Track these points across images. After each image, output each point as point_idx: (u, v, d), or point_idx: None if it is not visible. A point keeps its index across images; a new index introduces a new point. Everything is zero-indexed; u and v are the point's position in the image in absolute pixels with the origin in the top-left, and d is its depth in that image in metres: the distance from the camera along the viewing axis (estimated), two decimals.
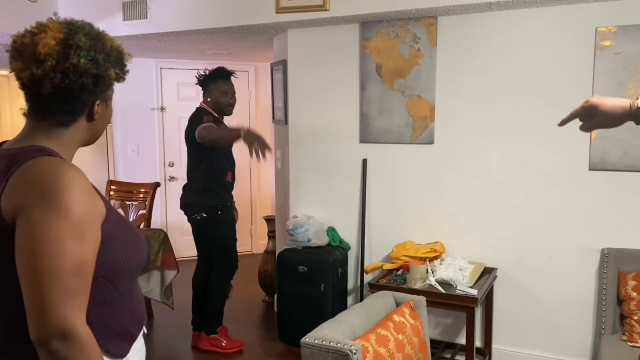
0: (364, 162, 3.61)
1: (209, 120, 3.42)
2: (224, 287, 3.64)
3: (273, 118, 4.30)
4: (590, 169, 3.05)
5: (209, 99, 3.56)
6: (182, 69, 5.66)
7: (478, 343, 3.33)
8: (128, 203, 4.50)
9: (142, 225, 4.28)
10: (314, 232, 3.60)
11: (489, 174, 3.30)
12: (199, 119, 3.43)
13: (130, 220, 4.06)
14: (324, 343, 1.76)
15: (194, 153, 3.50)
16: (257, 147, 2.98)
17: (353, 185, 3.68)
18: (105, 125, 1.33)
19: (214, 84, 3.54)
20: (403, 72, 3.42)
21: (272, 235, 4.61)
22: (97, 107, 1.24)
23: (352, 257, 3.74)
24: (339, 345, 1.73)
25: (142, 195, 4.48)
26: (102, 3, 4.06)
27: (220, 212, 3.53)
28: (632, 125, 2.97)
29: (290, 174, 3.90)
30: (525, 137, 3.18)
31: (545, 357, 3.23)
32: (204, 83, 3.58)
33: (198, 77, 3.60)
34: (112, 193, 4.58)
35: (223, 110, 3.59)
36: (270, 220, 4.68)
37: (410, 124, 3.44)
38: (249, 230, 5.94)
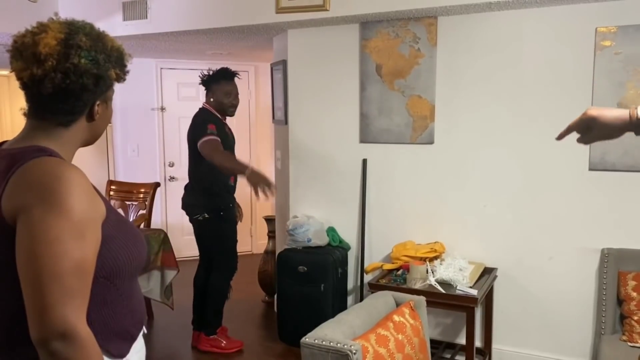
0: (364, 162, 3.61)
1: (214, 131, 3.38)
2: (223, 287, 3.64)
3: (273, 118, 4.30)
4: (591, 169, 3.05)
5: (212, 100, 3.55)
6: (182, 69, 5.66)
7: (478, 343, 3.33)
8: (128, 203, 4.50)
9: (142, 225, 4.27)
10: (314, 232, 3.60)
11: (489, 174, 3.30)
12: (204, 126, 3.39)
13: (130, 221, 4.06)
14: (324, 343, 1.76)
15: (196, 153, 3.47)
16: (263, 187, 3.05)
17: (353, 185, 3.68)
18: (106, 126, 1.33)
19: (217, 85, 3.53)
20: (403, 72, 3.42)
21: (272, 235, 4.61)
22: (97, 107, 1.24)
23: (352, 257, 3.74)
24: (339, 345, 1.74)
25: (142, 195, 4.48)
26: (102, 3, 4.06)
27: (223, 213, 3.53)
28: None
29: (290, 174, 3.90)
30: (525, 136, 3.18)
31: (545, 357, 3.23)
32: (207, 83, 3.56)
33: (201, 77, 3.59)
34: (112, 193, 4.58)
35: (226, 111, 3.57)
36: (270, 220, 4.68)
37: (410, 124, 3.44)
38: (249, 230, 5.94)
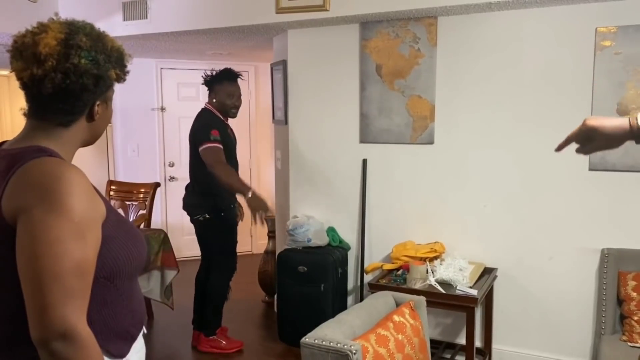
0: (364, 162, 3.61)
1: (217, 137, 3.37)
2: (222, 288, 3.64)
3: (273, 118, 4.30)
4: (591, 169, 3.05)
5: (215, 100, 3.54)
6: (182, 69, 5.67)
7: (478, 343, 3.33)
8: (128, 203, 4.50)
9: (142, 226, 4.27)
10: (314, 232, 3.60)
11: (489, 174, 3.30)
12: (207, 131, 3.39)
13: (130, 221, 4.06)
14: (324, 343, 1.76)
15: (197, 154, 3.45)
16: (261, 214, 3.13)
17: (353, 185, 3.68)
18: (106, 126, 1.33)
19: (220, 85, 3.52)
20: (403, 72, 3.42)
21: (272, 236, 4.61)
22: (97, 107, 1.24)
23: (352, 257, 3.74)
24: (339, 346, 1.74)
25: (142, 196, 4.48)
26: (102, 3, 4.06)
27: (223, 213, 3.53)
28: None
29: (290, 174, 3.90)
30: (525, 136, 3.18)
31: (545, 357, 3.23)
32: (210, 84, 3.55)
33: (204, 77, 3.57)
34: (112, 193, 4.58)
35: (228, 113, 3.57)
36: (270, 220, 4.68)
37: (410, 124, 3.44)
38: (249, 230, 5.93)
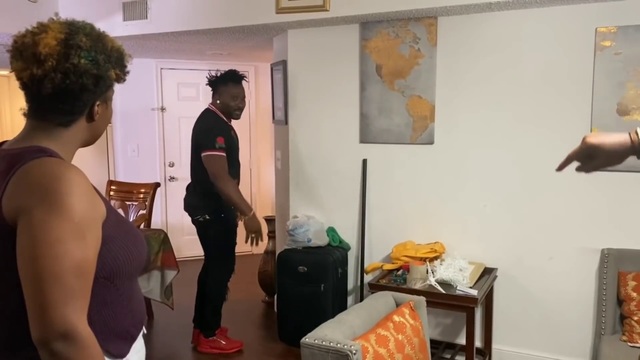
0: (364, 162, 3.61)
1: (222, 145, 3.37)
2: (221, 289, 3.64)
3: (273, 118, 4.30)
4: None
5: (219, 101, 3.53)
6: (182, 69, 5.67)
7: (478, 343, 3.33)
8: (128, 203, 4.50)
9: (142, 226, 4.27)
10: (314, 232, 3.60)
11: (489, 174, 3.30)
12: (212, 137, 3.38)
13: (131, 221, 4.06)
14: (324, 343, 1.76)
15: (200, 156, 3.45)
16: (255, 236, 3.41)
17: (353, 185, 3.68)
18: (105, 126, 1.33)
19: (225, 87, 3.51)
20: (403, 72, 3.42)
21: (272, 236, 4.61)
22: (97, 107, 1.24)
23: (352, 257, 3.74)
24: (339, 346, 1.74)
25: (142, 196, 4.48)
26: (102, 3, 4.06)
27: (223, 214, 3.52)
28: (632, 125, 2.97)
29: (290, 174, 3.90)
30: (525, 136, 3.18)
31: (545, 357, 3.23)
32: (215, 84, 3.55)
33: (209, 77, 3.57)
34: (112, 193, 4.58)
35: (232, 114, 3.56)
36: (270, 220, 4.68)
37: (411, 124, 3.44)
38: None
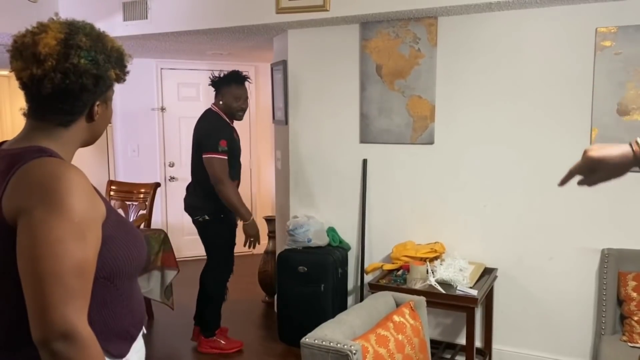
0: (364, 162, 3.61)
1: (225, 149, 3.37)
2: (220, 289, 3.64)
3: (273, 118, 4.30)
4: None
5: (221, 102, 3.53)
6: (182, 69, 5.67)
7: (478, 343, 3.33)
8: (128, 203, 4.50)
9: (142, 226, 4.27)
10: (314, 232, 3.60)
11: (489, 174, 3.30)
12: (216, 140, 3.37)
13: (131, 221, 4.06)
14: (324, 343, 1.76)
15: (201, 155, 3.44)
16: (253, 241, 3.54)
17: (353, 186, 3.68)
18: (105, 126, 1.33)
19: (228, 88, 3.51)
20: (403, 72, 3.42)
21: (272, 236, 4.61)
22: (97, 107, 1.24)
23: (352, 257, 3.74)
24: (339, 346, 1.74)
25: (142, 196, 4.48)
26: (102, 3, 4.06)
27: (223, 215, 3.52)
28: (632, 125, 2.97)
29: (290, 174, 3.90)
30: (525, 136, 3.18)
31: (545, 357, 3.23)
32: (218, 85, 3.54)
33: (212, 78, 3.56)
34: (112, 193, 4.58)
35: (234, 115, 3.56)
36: (271, 221, 4.68)
37: (411, 124, 3.44)
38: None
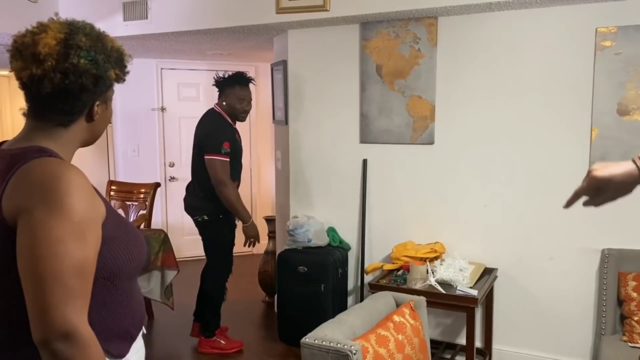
0: (364, 162, 3.61)
1: (227, 150, 3.38)
2: (219, 289, 3.64)
3: (273, 118, 4.30)
4: None
5: (225, 103, 3.53)
6: (182, 70, 5.67)
7: (478, 343, 3.33)
8: (128, 203, 4.50)
9: (142, 226, 4.27)
10: (314, 232, 3.60)
11: (489, 174, 3.30)
12: (219, 141, 3.38)
13: (131, 221, 4.06)
14: (324, 343, 1.76)
15: (202, 156, 3.44)
16: (253, 241, 3.59)
17: (353, 186, 3.68)
18: (105, 126, 1.33)
19: (232, 89, 3.51)
20: (403, 72, 3.42)
21: (272, 236, 4.61)
22: (96, 107, 1.24)
23: (352, 257, 3.74)
24: (339, 346, 1.74)
25: (142, 196, 4.48)
26: (102, 3, 4.06)
27: (222, 215, 3.53)
28: (632, 125, 2.97)
29: (290, 174, 3.90)
30: (526, 136, 3.18)
31: (545, 357, 3.23)
32: (222, 86, 3.54)
33: (216, 78, 3.56)
34: (112, 193, 4.58)
35: (237, 117, 3.56)
36: (271, 221, 4.68)
37: (411, 125, 3.44)
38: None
